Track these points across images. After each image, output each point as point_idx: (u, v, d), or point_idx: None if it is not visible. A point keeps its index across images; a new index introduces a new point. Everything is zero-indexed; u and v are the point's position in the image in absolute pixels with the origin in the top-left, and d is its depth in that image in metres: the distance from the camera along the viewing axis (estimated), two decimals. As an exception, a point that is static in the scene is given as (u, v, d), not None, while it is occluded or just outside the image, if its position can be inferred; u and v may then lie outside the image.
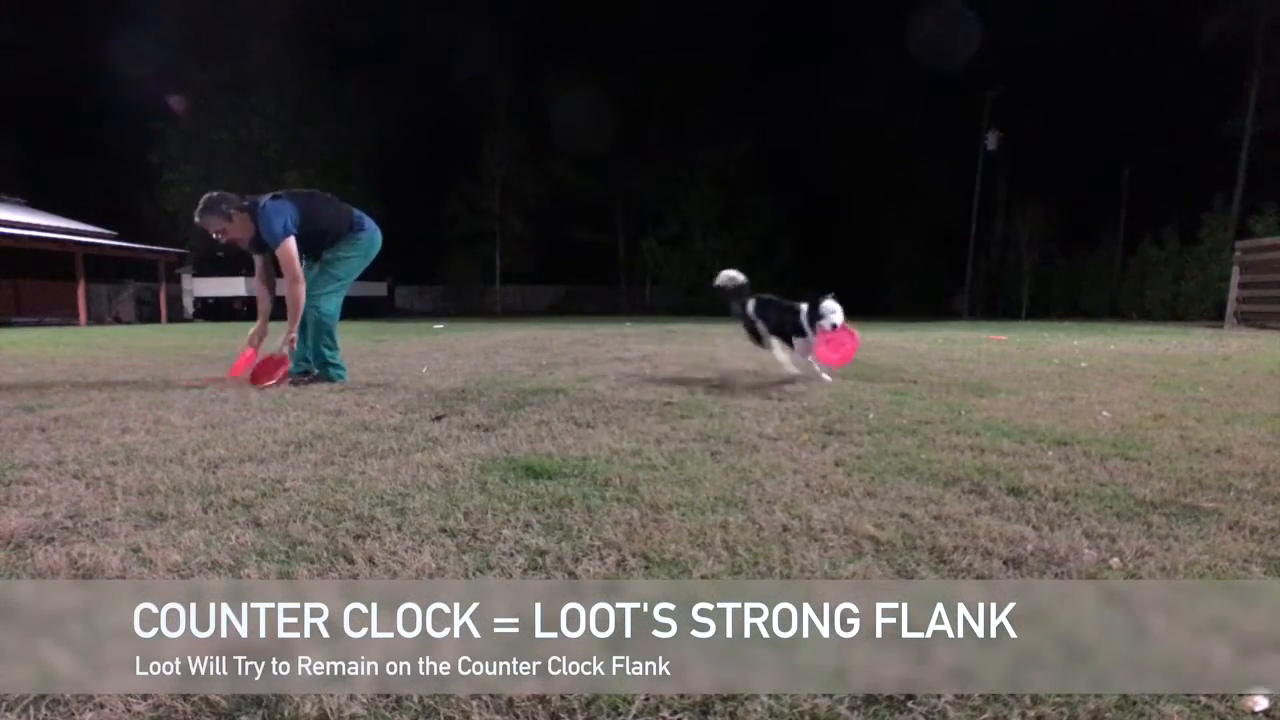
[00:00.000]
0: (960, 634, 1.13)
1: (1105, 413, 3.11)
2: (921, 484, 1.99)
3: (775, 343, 4.37)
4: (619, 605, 1.23)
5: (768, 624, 1.16)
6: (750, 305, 4.45)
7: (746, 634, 1.13)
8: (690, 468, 2.16)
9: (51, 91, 30.15)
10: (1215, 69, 23.76)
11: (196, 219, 4.08)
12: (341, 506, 1.80)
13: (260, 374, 4.14)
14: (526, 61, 31.72)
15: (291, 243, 4.03)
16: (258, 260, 4.33)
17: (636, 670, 1.03)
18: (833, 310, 3.83)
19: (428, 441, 2.55)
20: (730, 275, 4.62)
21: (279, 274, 4.23)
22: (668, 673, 1.02)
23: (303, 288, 4.10)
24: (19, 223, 19.19)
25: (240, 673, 1.04)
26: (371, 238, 4.46)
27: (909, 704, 0.96)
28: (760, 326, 4.40)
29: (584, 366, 5.35)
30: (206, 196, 4.07)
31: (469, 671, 1.03)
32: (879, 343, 7.86)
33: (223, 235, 4.08)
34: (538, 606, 1.23)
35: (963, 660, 1.04)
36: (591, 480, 2.02)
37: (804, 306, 4.01)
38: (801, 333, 4.03)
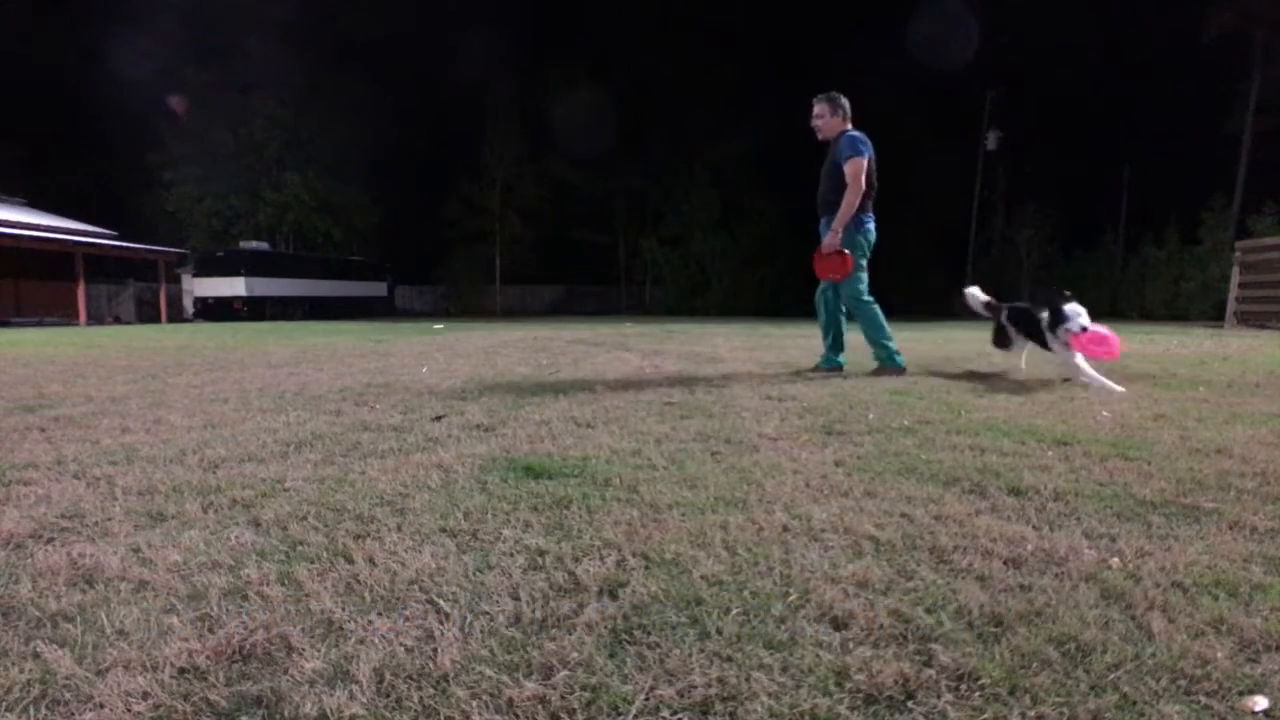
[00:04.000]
0: (960, 634, 1.13)
1: (1105, 413, 3.11)
2: (921, 484, 1.99)
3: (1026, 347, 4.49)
4: (619, 605, 1.23)
5: (768, 624, 1.16)
6: (1004, 313, 4.61)
7: (746, 634, 1.13)
8: (690, 468, 2.16)
9: (51, 92, 30.16)
10: (1215, 69, 23.77)
11: (816, 99, 4.68)
12: (341, 506, 1.80)
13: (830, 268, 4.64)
14: (526, 62, 31.74)
15: (862, 161, 4.43)
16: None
17: (636, 670, 1.04)
18: (1076, 314, 3.84)
19: (428, 441, 2.55)
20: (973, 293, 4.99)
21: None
22: (668, 673, 1.02)
23: (857, 198, 4.46)
24: (19, 223, 19.19)
25: (240, 673, 1.04)
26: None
27: (909, 704, 0.96)
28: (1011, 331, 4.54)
29: (584, 366, 5.35)
30: (834, 93, 4.65)
31: (469, 671, 1.03)
32: (879, 343, 7.84)
33: (819, 121, 4.66)
34: (537, 606, 1.23)
35: (963, 660, 1.04)
36: (591, 480, 2.02)
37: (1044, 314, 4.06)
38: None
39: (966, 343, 7.87)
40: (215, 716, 0.95)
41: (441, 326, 14.96)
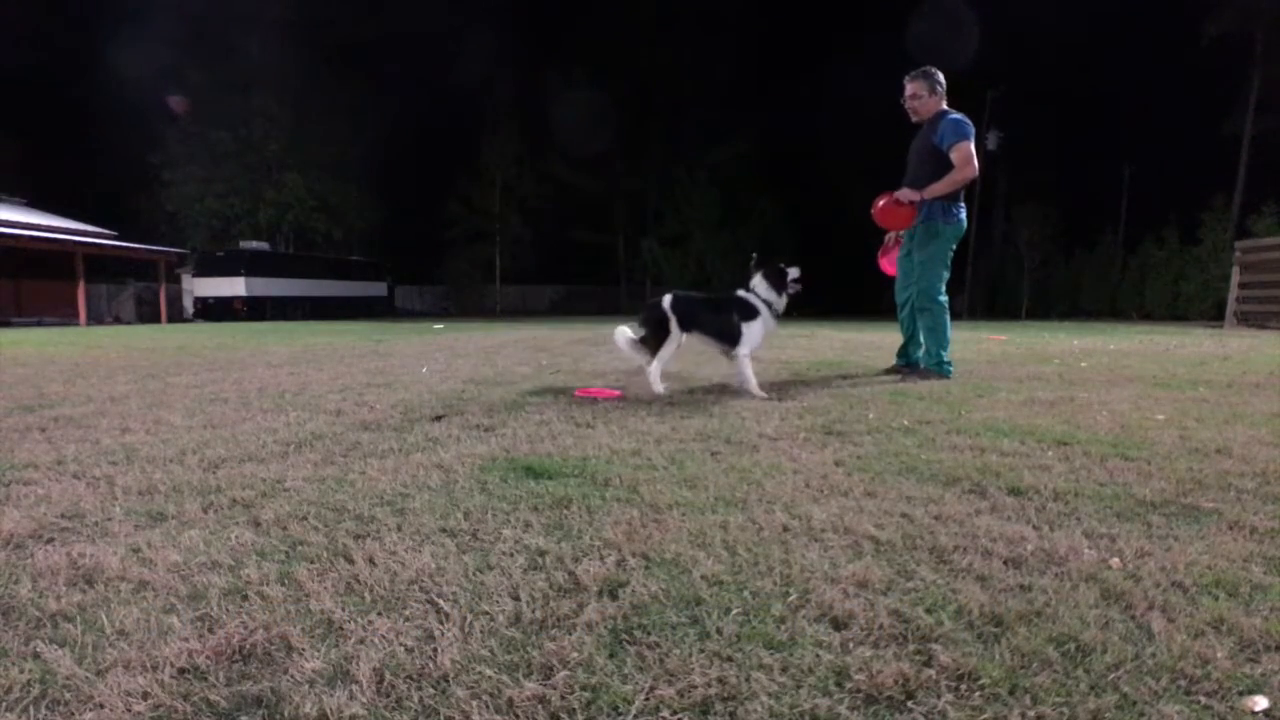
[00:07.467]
0: (960, 634, 1.13)
1: (1105, 413, 3.11)
2: (921, 484, 1.99)
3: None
4: (619, 605, 1.23)
5: (767, 624, 1.16)
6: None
7: (746, 634, 1.13)
8: (690, 468, 2.16)
9: (51, 91, 30.18)
10: (1215, 69, 23.80)
11: (910, 77, 4.40)
12: (341, 506, 1.80)
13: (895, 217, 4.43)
14: (526, 62, 31.77)
15: (971, 146, 4.22)
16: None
17: (636, 670, 1.04)
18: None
19: (428, 441, 2.55)
20: None
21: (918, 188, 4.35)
22: (668, 673, 1.02)
23: (965, 181, 4.25)
24: (19, 223, 19.18)
25: (240, 673, 1.04)
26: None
27: (909, 704, 0.96)
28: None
29: (584, 366, 5.35)
30: (929, 68, 4.38)
31: (469, 671, 1.03)
32: (879, 343, 7.85)
33: (915, 101, 4.39)
34: (537, 606, 1.23)
35: (963, 660, 1.04)
36: (591, 480, 2.02)
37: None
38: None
39: (967, 343, 7.88)
40: (215, 716, 0.95)
41: (441, 326, 14.96)
